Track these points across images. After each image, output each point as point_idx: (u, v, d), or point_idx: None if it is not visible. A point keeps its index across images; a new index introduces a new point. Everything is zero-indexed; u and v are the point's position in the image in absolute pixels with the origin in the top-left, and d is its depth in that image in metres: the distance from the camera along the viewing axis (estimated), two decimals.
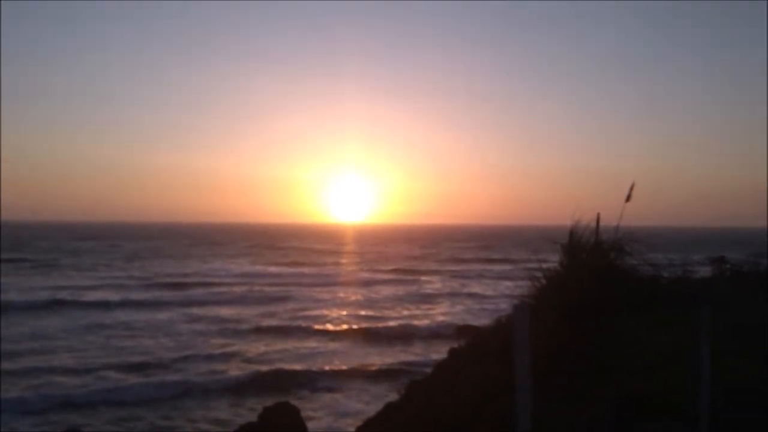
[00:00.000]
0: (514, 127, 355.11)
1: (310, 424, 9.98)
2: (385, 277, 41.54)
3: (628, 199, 5.88)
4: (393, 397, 7.28)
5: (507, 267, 49.24)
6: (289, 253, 65.46)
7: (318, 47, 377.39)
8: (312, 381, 15.19)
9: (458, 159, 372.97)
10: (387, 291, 33.74)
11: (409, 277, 41.30)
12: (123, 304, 26.86)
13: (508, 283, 35.02)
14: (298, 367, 16.35)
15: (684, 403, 3.77)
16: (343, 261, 56.85)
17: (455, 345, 6.75)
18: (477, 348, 5.92)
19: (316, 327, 22.52)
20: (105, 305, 26.52)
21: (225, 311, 25.72)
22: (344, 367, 16.61)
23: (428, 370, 7.68)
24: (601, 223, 5.69)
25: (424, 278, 40.90)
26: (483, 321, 16.98)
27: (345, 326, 22.90)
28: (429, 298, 30.79)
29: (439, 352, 14.54)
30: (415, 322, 23.60)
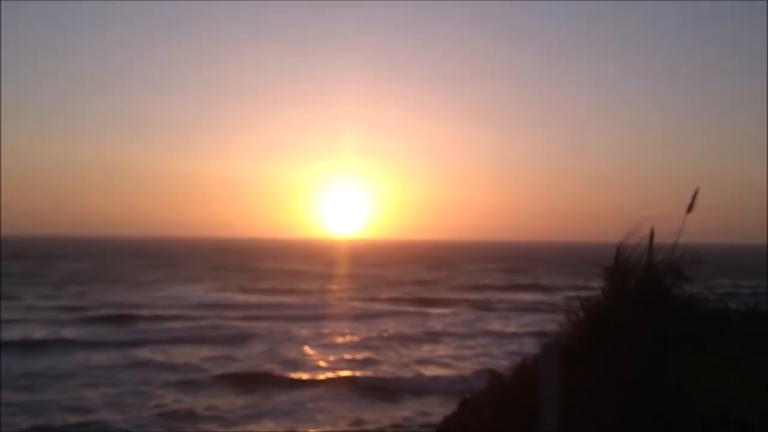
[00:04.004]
0: (546, 126, 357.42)
1: None
2: (384, 308, 41.45)
3: (690, 209, 5.76)
4: None
5: (536, 296, 49.12)
6: (264, 277, 65.41)
7: (310, 43, 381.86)
8: None
9: (476, 163, 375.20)
10: (385, 327, 33.60)
11: (414, 309, 41.18)
12: (49, 345, 26.59)
13: (536, 317, 34.83)
14: (267, 429, 16.11)
15: None
16: (332, 287, 56.73)
17: (468, 395, 6.65)
18: (495, 398, 5.85)
19: (293, 375, 22.27)
20: (26, 346, 26.26)
21: (178, 353, 25.56)
22: (327, 429, 16.35)
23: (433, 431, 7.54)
24: (656, 240, 5.60)
25: (432, 310, 40.78)
26: (503, 365, 16.69)
27: (330, 374, 22.67)
28: (437, 337, 30.65)
29: (448, 406, 14.27)
30: (420, 368, 23.47)
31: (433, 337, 30.47)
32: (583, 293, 5.59)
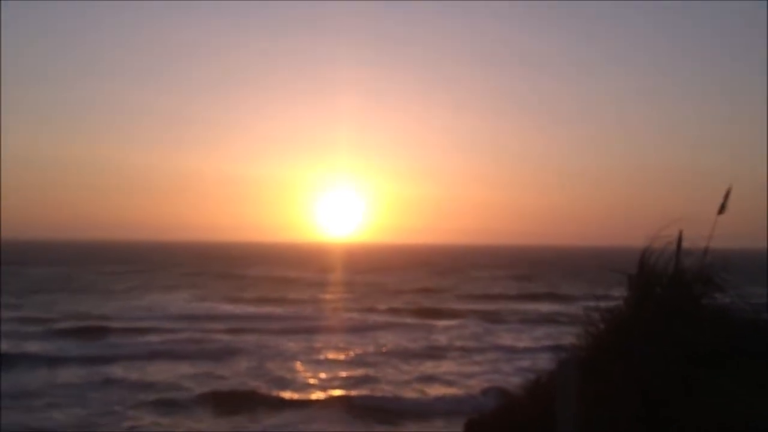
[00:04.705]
0: (560, 120, 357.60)
1: None
2: (383, 319, 41.48)
3: (721, 210, 5.77)
4: None
5: (551, 306, 49.14)
6: (250, 285, 65.45)
7: (303, 34, 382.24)
8: None
9: (483, 160, 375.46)
10: (384, 340, 33.65)
11: (416, 320, 41.25)
12: (10, 360, 26.49)
13: (551, 329, 34.82)
14: None
15: None
16: (325, 296, 56.76)
17: (475, 416, 6.61)
18: (505, 419, 5.82)
19: (282, 395, 22.26)
20: None
21: (155, 370, 25.56)
22: None
23: None
24: (685, 245, 5.58)
25: (436, 322, 40.79)
26: (515, 382, 16.72)
27: (322, 393, 22.68)
28: (442, 352, 30.69)
29: (453, 429, 14.32)
30: (423, 387, 23.48)
31: (437, 351, 30.51)
32: (603, 303, 5.55)
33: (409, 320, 41.37)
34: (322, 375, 25.38)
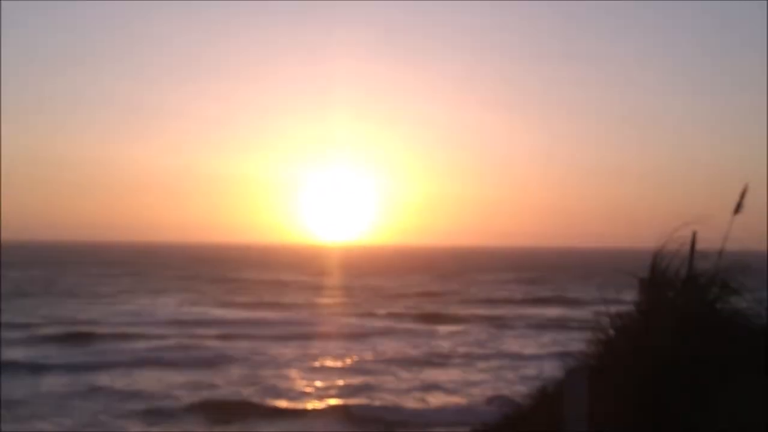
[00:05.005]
0: (571, 113, 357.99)
1: None
2: (383, 324, 41.50)
3: (737, 210, 5.76)
4: None
5: (559, 311, 49.18)
6: (243, 289, 65.50)
7: (293, 19, 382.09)
8: None
9: (489, 156, 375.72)
10: (384, 347, 33.64)
11: (418, 326, 41.30)
12: None
13: (559, 335, 34.83)
14: None
15: None
16: (322, 300, 56.80)
17: (479, 426, 6.82)
18: (510, 429, 5.90)
19: (276, 404, 22.28)
20: None
21: (143, 378, 25.57)
22: None
23: None
24: (699, 246, 5.60)
25: (439, 327, 40.86)
26: (521, 391, 16.72)
27: (319, 403, 22.71)
28: (445, 359, 30.73)
29: None
30: (424, 396, 23.48)
31: (439, 359, 30.54)
32: (614, 308, 5.58)
33: (410, 325, 41.41)
34: (318, 383, 25.38)
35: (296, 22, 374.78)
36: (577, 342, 5.78)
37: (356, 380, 25.78)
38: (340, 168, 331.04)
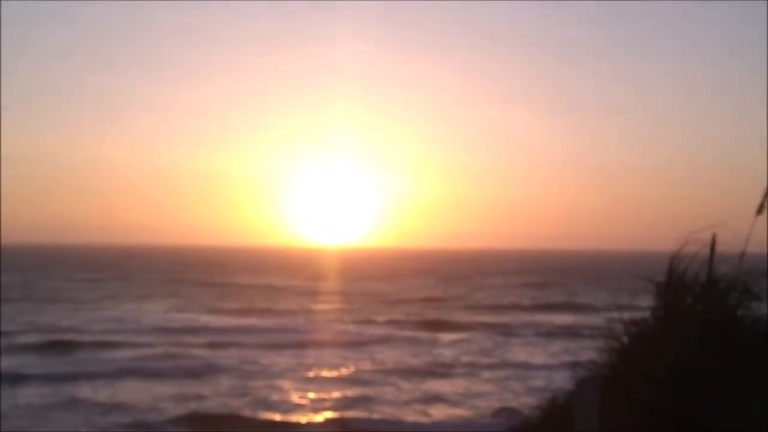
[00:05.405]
0: (584, 110, 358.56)
1: None
2: (382, 332, 41.56)
3: (760, 211, 5.77)
4: None
5: (570, 317, 49.36)
6: (234, 294, 65.59)
7: (292, 4, 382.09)
8: None
9: (495, 154, 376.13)
10: (383, 356, 33.69)
11: (420, 334, 41.34)
12: None
13: (570, 344, 34.88)
14: None
15: None
16: (318, 306, 56.82)
17: None
18: None
19: (267, 417, 22.29)
20: None
21: (127, 389, 25.59)
22: None
23: None
24: (719, 249, 5.56)
25: (442, 335, 40.93)
26: (529, 403, 16.72)
27: (313, 415, 22.72)
28: (448, 369, 30.75)
29: None
30: (426, 408, 23.49)
31: (442, 368, 30.57)
32: (628, 314, 5.64)
33: (411, 333, 41.41)
34: (313, 395, 25.40)
35: (295, 14, 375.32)
36: (588, 351, 5.82)
37: (353, 391, 25.80)
38: (337, 166, 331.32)
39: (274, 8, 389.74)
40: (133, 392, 25.03)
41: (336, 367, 30.87)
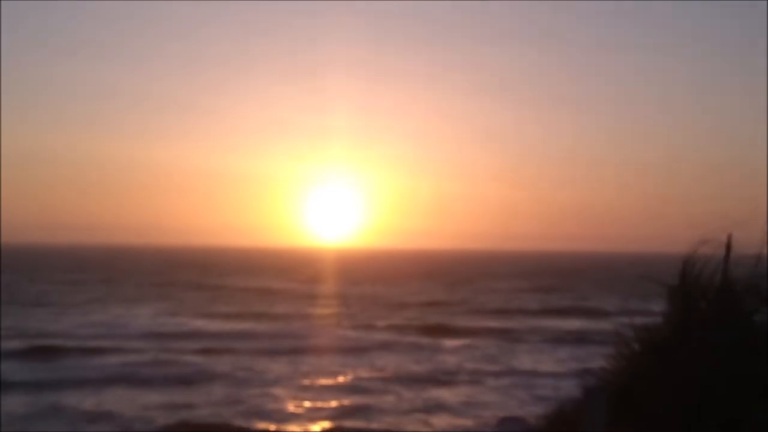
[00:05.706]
0: (589, 107, 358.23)
1: None
2: (382, 337, 41.53)
3: None
4: None
5: (578, 322, 49.18)
6: (227, 297, 65.45)
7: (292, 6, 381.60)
8: None
9: (500, 153, 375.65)
10: (384, 363, 33.65)
11: (422, 339, 41.25)
12: None
13: (578, 350, 34.86)
14: None
15: None
16: (315, 310, 56.68)
17: None
18: None
19: (261, 426, 22.27)
20: None
21: (114, 398, 25.58)
22: None
23: None
24: (735, 251, 5.44)
25: (445, 341, 40.88)
26: (535, 412, 16.68)
27: (309, 425, 22.72)
28: (451, 376, 30.75)
29: None
30: (428, 417, 23.50)
31: (445, 376, 30.55)
32: (639, 319, 5.45)
33: (412, 339, 41.28)
34: (309, 403, 25.41)
35: (293, 10, 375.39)
36: (597, 358, 5.64)
37: (352, 400, 25.78)
38: (336, 163, 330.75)
39: (276, 7, 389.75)
40: (121, 400, 24.99)
41: (334, 374, 30.85)
